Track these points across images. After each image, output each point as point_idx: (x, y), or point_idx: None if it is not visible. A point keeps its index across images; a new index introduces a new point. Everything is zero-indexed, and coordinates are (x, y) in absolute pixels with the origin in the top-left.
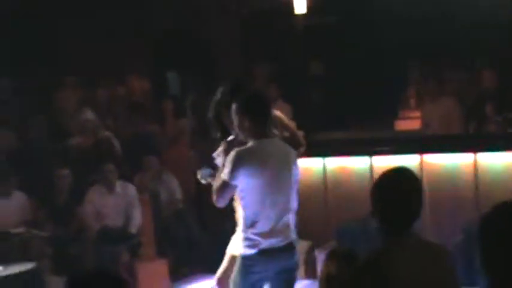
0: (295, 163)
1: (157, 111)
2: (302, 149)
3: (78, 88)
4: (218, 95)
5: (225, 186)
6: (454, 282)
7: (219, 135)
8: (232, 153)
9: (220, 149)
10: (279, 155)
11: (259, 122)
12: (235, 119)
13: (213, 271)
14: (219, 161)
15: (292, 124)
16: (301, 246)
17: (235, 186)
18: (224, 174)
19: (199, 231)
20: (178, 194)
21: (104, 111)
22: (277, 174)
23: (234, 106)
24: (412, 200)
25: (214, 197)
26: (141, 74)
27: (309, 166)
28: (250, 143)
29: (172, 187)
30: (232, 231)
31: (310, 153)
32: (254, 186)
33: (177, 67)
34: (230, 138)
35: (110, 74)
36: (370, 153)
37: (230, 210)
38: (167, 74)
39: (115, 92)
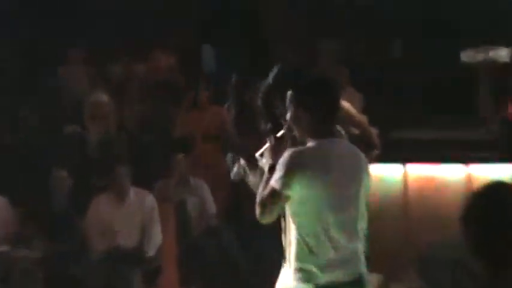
0: (366, 171)
1: (187, 96)
2: (375, 153)
3: (87, 64)
4: (270, 79)
5: (275, 196)
6: None
7: (268, 127)
8: (287, 154)
9: (266, 146)
10: (346, 160)
11: (322, 117)
12: (290, 110)
13: None
14: (263, 162)
15: (363, 119)
16: (372, 280)
17: (287, 198)
18: (274, 181)
19: (238, 254)
20: (211, 206)
21: (119, 94)
22: (344, 185)
23: (289, 94)
24: None
25: (258, 210)
26: (171, 47)
27: (384, 175)
28: (309, 143)
29: (204, 197)
30: (280, 257)
31: (385, 157)
32: (313, 199)
33: (217, 39)
34: (280, 133)
35: (129, 46)
36: (466, 160)
37: (278, 229)
38: (201, 47)
39: (135, 69)
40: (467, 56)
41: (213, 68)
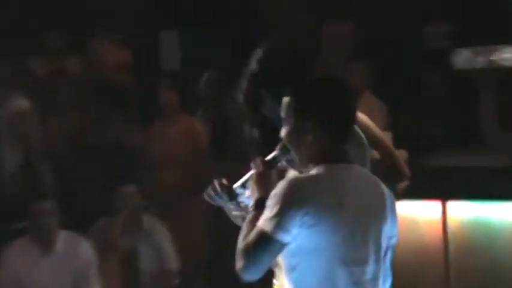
0: (391, 209)
1: (143, 102)
2: (404, 184)
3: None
4: (253, 65)
5: (265, 242)
6: None
7: (253, 145)
8: (284, 184)
9: (250, 174)
10: (363, 194)
11: (332, 134)
12: (286, 123)
13: None
14: (245, 197)
15: (387, 138)
16: None
17: (282, 245)
18: (264, 222)
19: None
20: (171, 258)
21: (43, 100)
22: (362, 229)
23: (286, 100)
24: None
25: (240, 262)
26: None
27: (418, 215)
28: (314, 170)
29: (162, 244)
30: None
31: (419, 191)
32: (319, 248)
33: (184, 22)
34: (271, 155)
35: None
36: None
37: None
38: (161, 34)
39: (67, 65)
40: None
41: (177, 64)
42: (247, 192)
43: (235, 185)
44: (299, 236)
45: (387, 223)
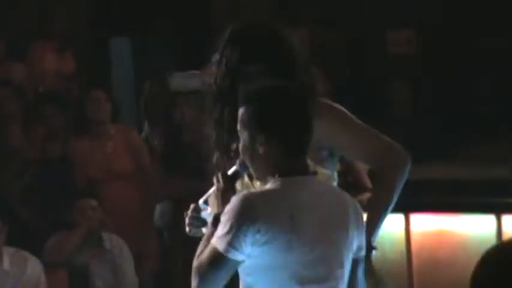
0: (355, 220)
1: (81, 112)
2: (365, 196)
3: None
4: (216, 56)
5: (217, 261)
6: None
7: (215, 158)
8: (235, 201)
9: (213, 189)
10: (321, 207)
11: (286, 145)
12: (241, 133)
13: None
14: (207, 213)
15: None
16: None
17: (235, 264)
18: (217, 239)
19: None
20: (132, 278)
21: None
22: (318, 244)
23: (241, 111)
24: None
25: (194, 281)
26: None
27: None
28: (270, 184)
29: (122, 263)
30: None
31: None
32: (272, 268)
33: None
34: (232, 169)
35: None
36: (498, 209)
37: None
38: (109, 41)
39: (13, 74)
40: None
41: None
42: (209, 209)
43: (200, 201)
44: (252, 254)
45: (352, 235)
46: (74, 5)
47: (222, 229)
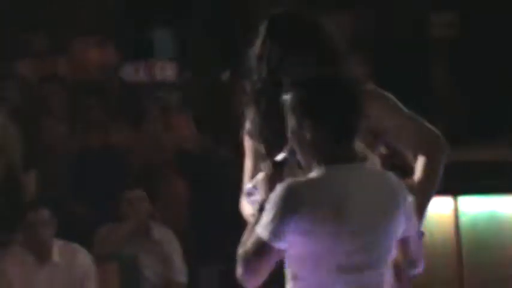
0: (404, 209)
1: (130, 104)
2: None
3: None
4: (255, 49)
5: (261, 249)
6: None
7: (264, 143)
8: (280, 188)
9: (261, 175)
10: (368, 196)
11: (335, 132)
12: (289, 120)
13: None
14: (255, 198)
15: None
16: None
17: (279, 252)
18: (261, 228)
19: None
20: (181, 269)
21: (34, 104)
22: (363, 232)
23: (288, 97)
24: None
25: (239, 269)
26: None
27: (429, 211)
28: (316, 172)
29: (170, 254)
30: None
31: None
32: (320, 255)
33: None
34: (280, 156)
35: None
36: None
37: None
38: (152, 34)
39: (58, 68)
40: None
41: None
42: (258, 195)
43: (248, 186)
44: (297, 243)
45: (400, 221)
46: None
47: (266, 217)
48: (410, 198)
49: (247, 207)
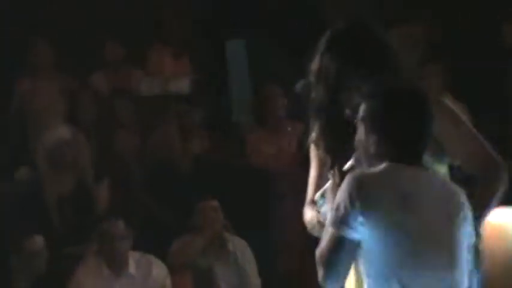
0: (465, 215)
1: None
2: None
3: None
4: (315, 64)
5: (336, 243)
6: None
7: (329, 154)
8: (346, 180)
9: (329, 184)
10: (437, 192)
11: (406, 148)
12: (358, 128)
13: None
14: (324, 209)
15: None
16: None
17: (353, 243)
18: (330, 223)
19: None
20: (255, 283)
21: (107, 115)
22: (425, 231)
23: (363, 105)
24: None
25: (320, 272)
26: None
27: (508, 222)
28: (380, 167)
29: (245, 267)
30: None
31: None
32: (380, 250)
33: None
34: (348, 165)
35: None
36: None
37: None
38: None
39: (132, 80)
40: None
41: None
42: (326, 205)
43: (316, 195)
44: (365, 234)
45: (465, 225)
46: (190, 8)
47: (334, 212)
48: (469, 207)
49: (309, 213)
